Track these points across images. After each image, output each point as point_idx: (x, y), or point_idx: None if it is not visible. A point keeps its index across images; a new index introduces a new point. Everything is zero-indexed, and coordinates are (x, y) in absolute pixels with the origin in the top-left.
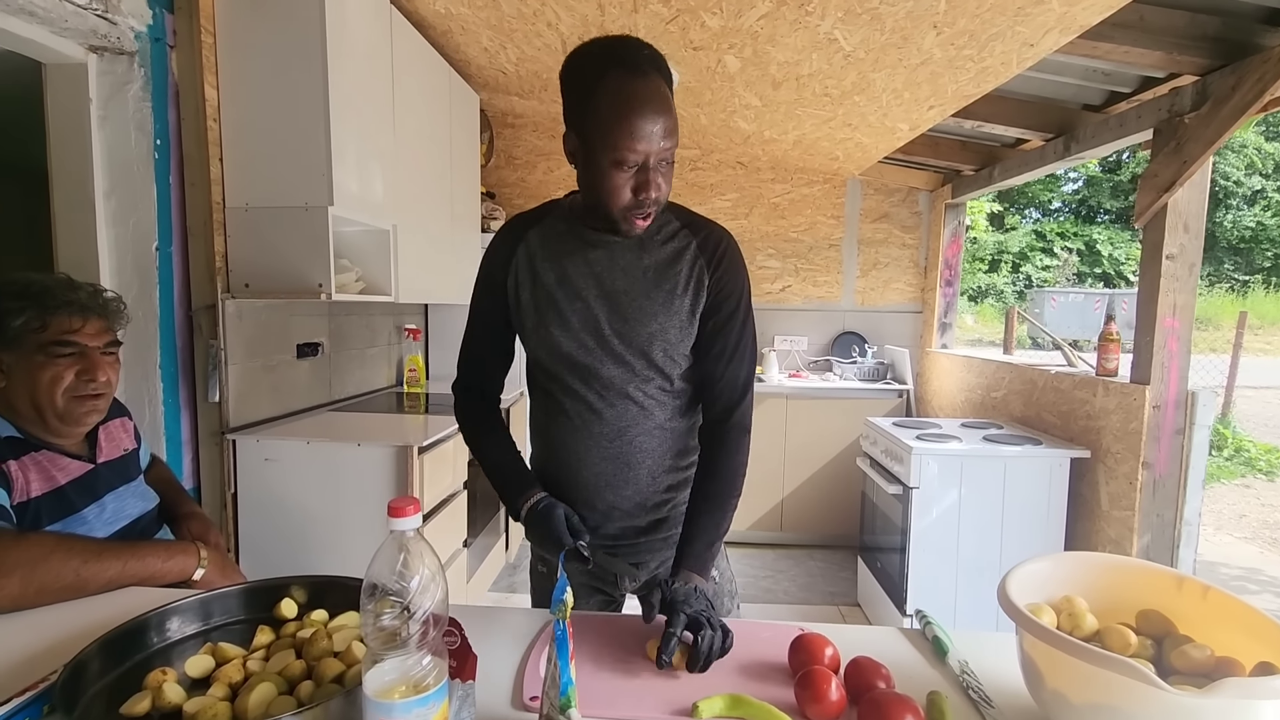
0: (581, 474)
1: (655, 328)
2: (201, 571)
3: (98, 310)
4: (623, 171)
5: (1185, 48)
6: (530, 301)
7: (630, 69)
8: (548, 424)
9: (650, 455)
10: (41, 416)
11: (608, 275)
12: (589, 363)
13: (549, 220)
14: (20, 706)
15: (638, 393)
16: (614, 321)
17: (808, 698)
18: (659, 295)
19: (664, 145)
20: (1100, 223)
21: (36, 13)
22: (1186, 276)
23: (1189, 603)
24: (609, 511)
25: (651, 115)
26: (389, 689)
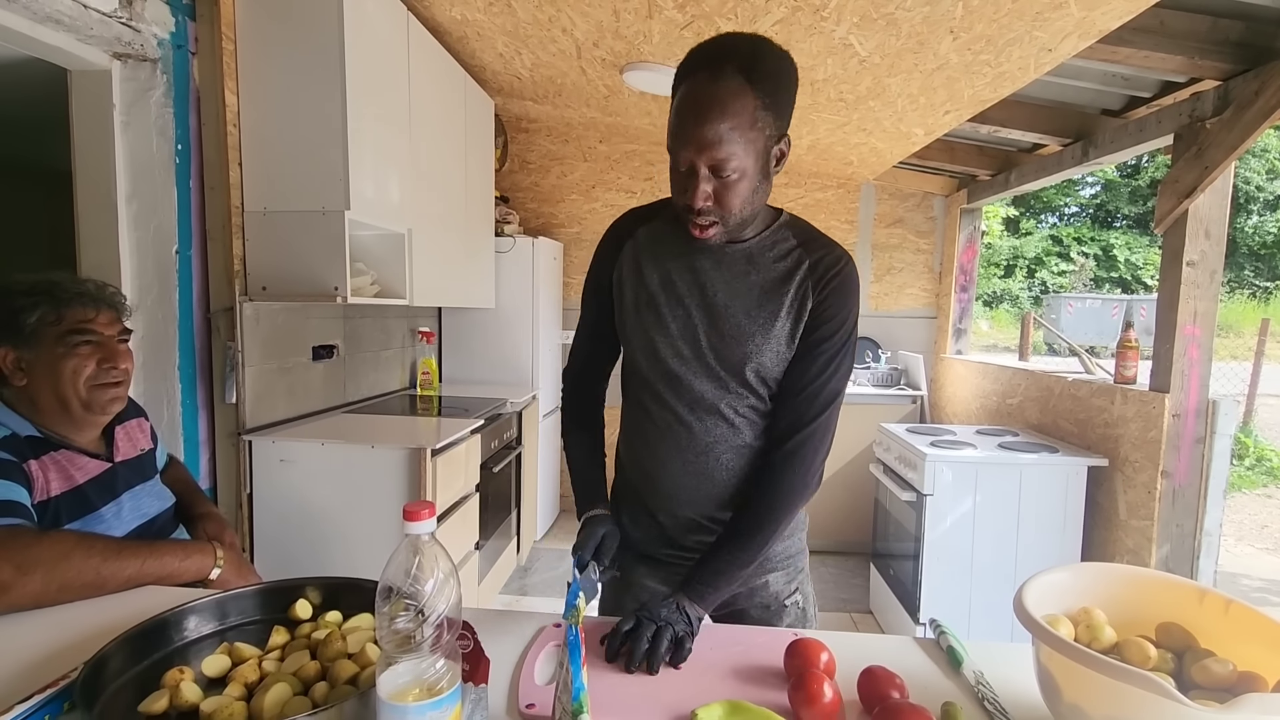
0: (667, 485)
1: (751, 348)
2: (218, 571)
3: (106, 301)
4: (677, 173)
5: (1207, 52)
6: (632, 300)
7: (710, 70)
8: (635, 430)
9: (737, 475)
10: (67, 408)
11: (711, 285)
12: (682, 373)
13: (661, 219)
14: (42, 703)
15: (729, 410)
16: (711, 335)
17: (801, 700)
18: (760, 316)
19: (717, 154)
20: (1118, 228)
21: (63, 21)
22: (1207, 283)
23: (1211, 616)
24: (691, 526)
25: (699, 119)
26: (403, 691)
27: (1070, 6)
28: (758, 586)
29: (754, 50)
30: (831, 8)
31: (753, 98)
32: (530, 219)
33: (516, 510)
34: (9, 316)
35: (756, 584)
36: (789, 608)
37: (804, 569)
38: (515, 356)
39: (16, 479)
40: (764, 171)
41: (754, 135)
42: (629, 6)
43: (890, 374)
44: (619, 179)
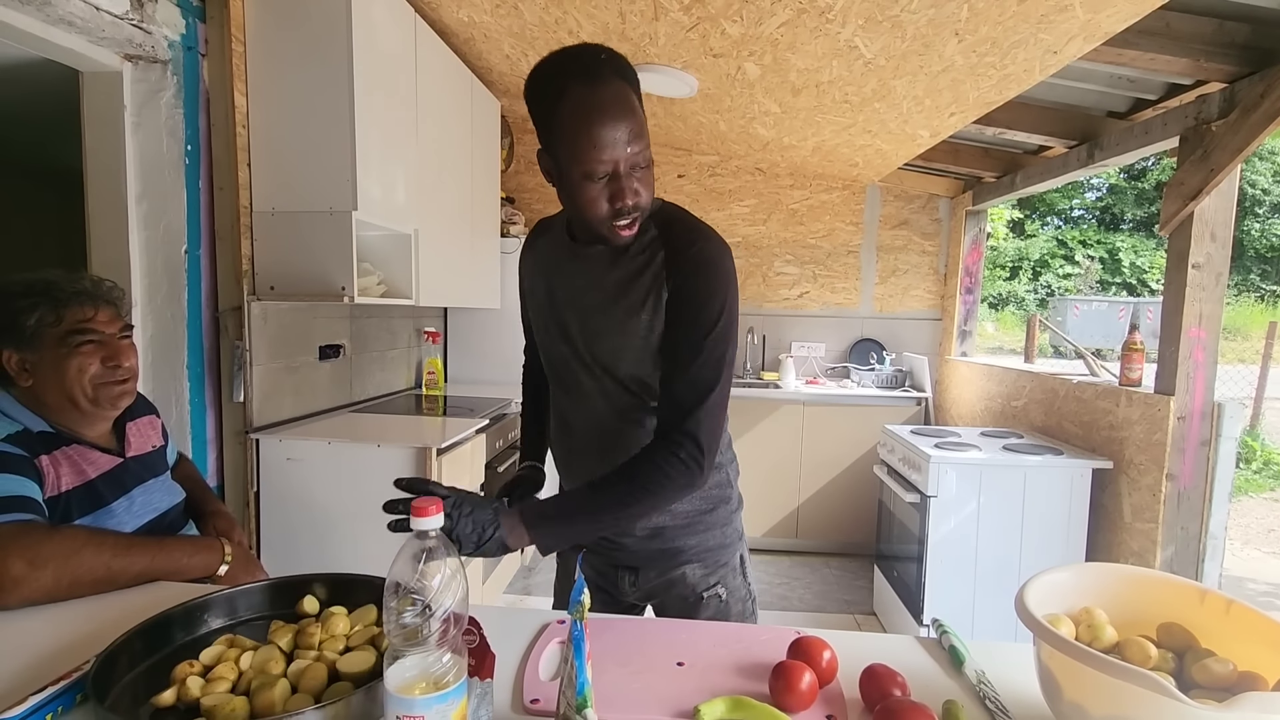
0: (568, 477)
1: (614, 344)
2: (226, 567)
3: (104, 298)
4: (595, 183)
5: (1213, 55)
6: (533, 307)
7: (588, 78)
8: (555, 426)
9: None
10: (75, 405)
11: (581, 290)
12: (567, 374)
13: (554, 230)
14: (55, 695)
15: (610, 409)
16: (584, 336)
17: (780, 688)
18: (616, 312)
19: (632, 150)
20: (1123, 230)
21: (75, 23)
22: (1213, 286)
23: (1212, 617)
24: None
25: (612, 122)
26: (410, 685)
27: (1075, 9)
28: (675, 578)
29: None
30: (837, 10)
31: (631, 91)
32: (535, 219)
33: None
34: (9, 319)
35: (674, 575)
36: (707, 600)
37: (728, 563)
38: (520, 357)
39: (28, 474)
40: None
41: (645, 127)
42: (635, 9)
43: (895, 376)
44: None
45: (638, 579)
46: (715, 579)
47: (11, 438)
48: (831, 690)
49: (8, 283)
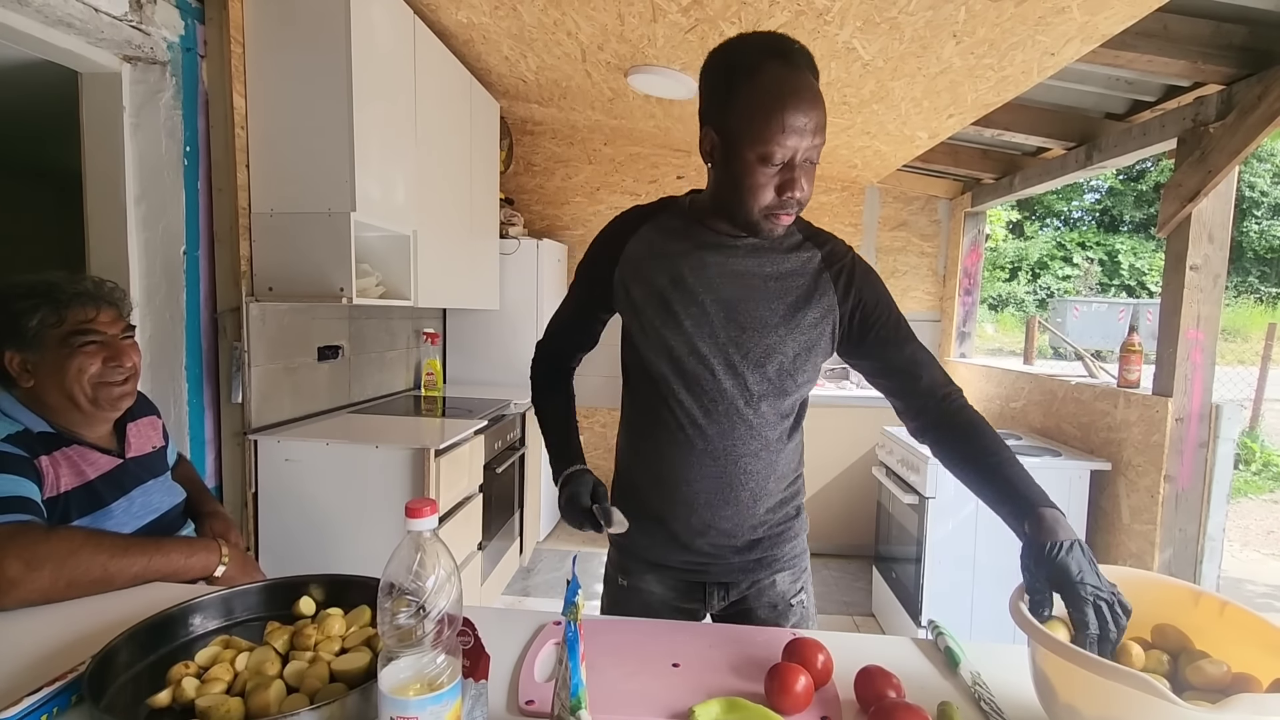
0: (680, 490)
1: (773, 340)
2: (223, 568)
3: (106, 299)
4: (768, 168)
5: (1210, 57)
6: (641, 300)
7: (788, 62)
8: (645, 434)
9: (754, 477)
10: (76, 406)
11: (723, 281)
12: (699, 372)
13: (664, 216)
14: (50, 695)
15: (747, 409)
16: (730, 329)
17: (775, 690)
18: (780, 307)
19: (814, 142)
20: (1122, 232)
21: (74, 24)
22: (1211, 288)
23: (1206, 618)
24: (704, 530)
25: (806, 108)
26: (404, 686)
27: (1073, 11)
28: (765, 585)
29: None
30: (835, 12)
31: (818, 89)
32: (535, 221)
33: (519, 511)
34: (10, 320)
35: (764, 583)
36: (794, 607)
37: (807, 569)
38: (519, 358)
39: (27, 474)
40: None
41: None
42: (633, 10)
43: None
44: (623, 181)
45: (729, 593)
46: (800, 584)
47: (12, 438)
48: (827, 692)
49: (9, 285)
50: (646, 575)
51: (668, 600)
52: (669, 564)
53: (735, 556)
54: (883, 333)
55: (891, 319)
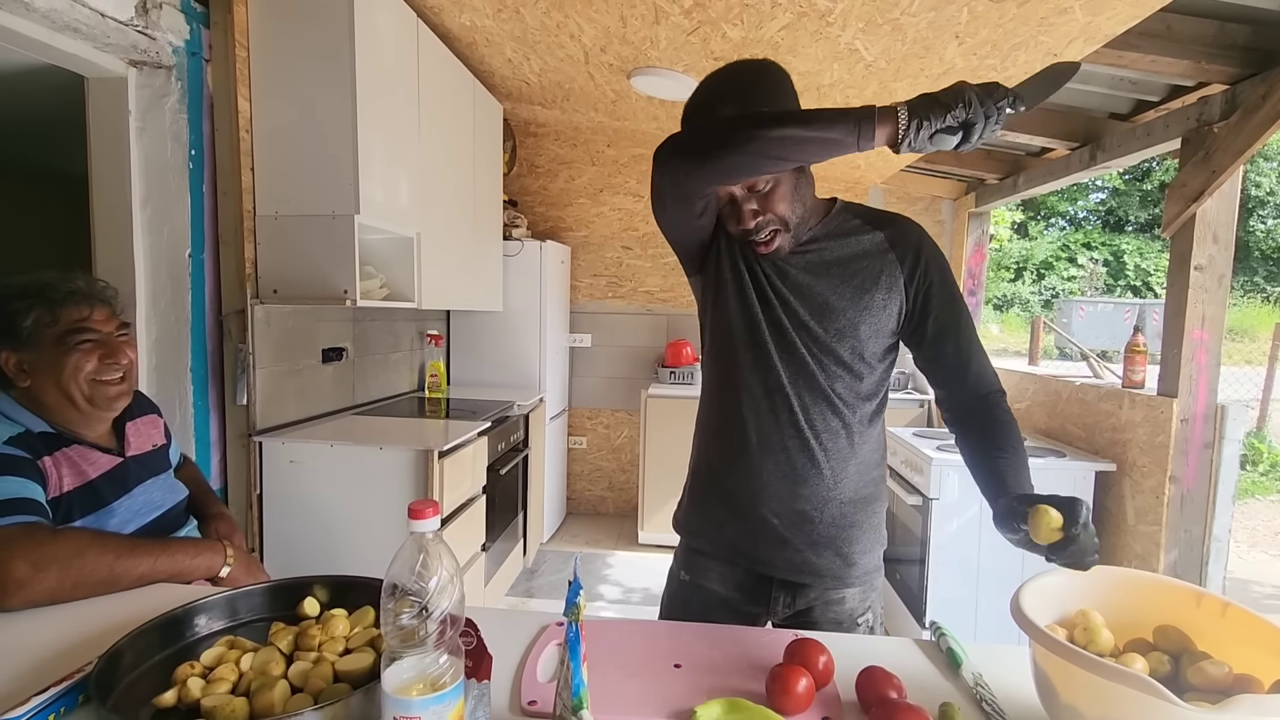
0: (758, 464)
1: (844, 323)
2: (228, 569)
3: (99, 298)
4: (724, 203)
5: (1214, 56)
6: (730, 278)
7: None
8: (725, 410)
9: (833, 456)
10: (73, 404)
11: (791, 274)
12: (774, 351)
13: None
14: (57, 695)
15: (826, 387)
16: (801, 313)
17: (777, 690)
18: (847, 290)
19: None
20: (1128, 232)
21: (80, 29)
22: (1215, 288)
23: (1208, 619)
24: (779, 509)
25: None
26: (407, 686)
27: (1075, 12)
28: (833, 600)
29: (736, 81)
30: (837, 13)
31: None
32: (538, 223)
33: (523, 512)
34: (5, 321)
35: (833, 596)
36: (860, 626)
37: (878, 587)
38: (523, 359)
39: (31, 476)
40: (797, 168)
41: None
42: (636, 13)
43: (898, 378)
44: (626, 183)
45: (795, 600)
46: (868, 603)
47: (14, 440)
48: (828, 693)
49: (2, 285)
50: (711, 568)
51: (729, 601)
52: (739, 549)
53: (809, 551)
54: (941, 318)
55: (952, 307)
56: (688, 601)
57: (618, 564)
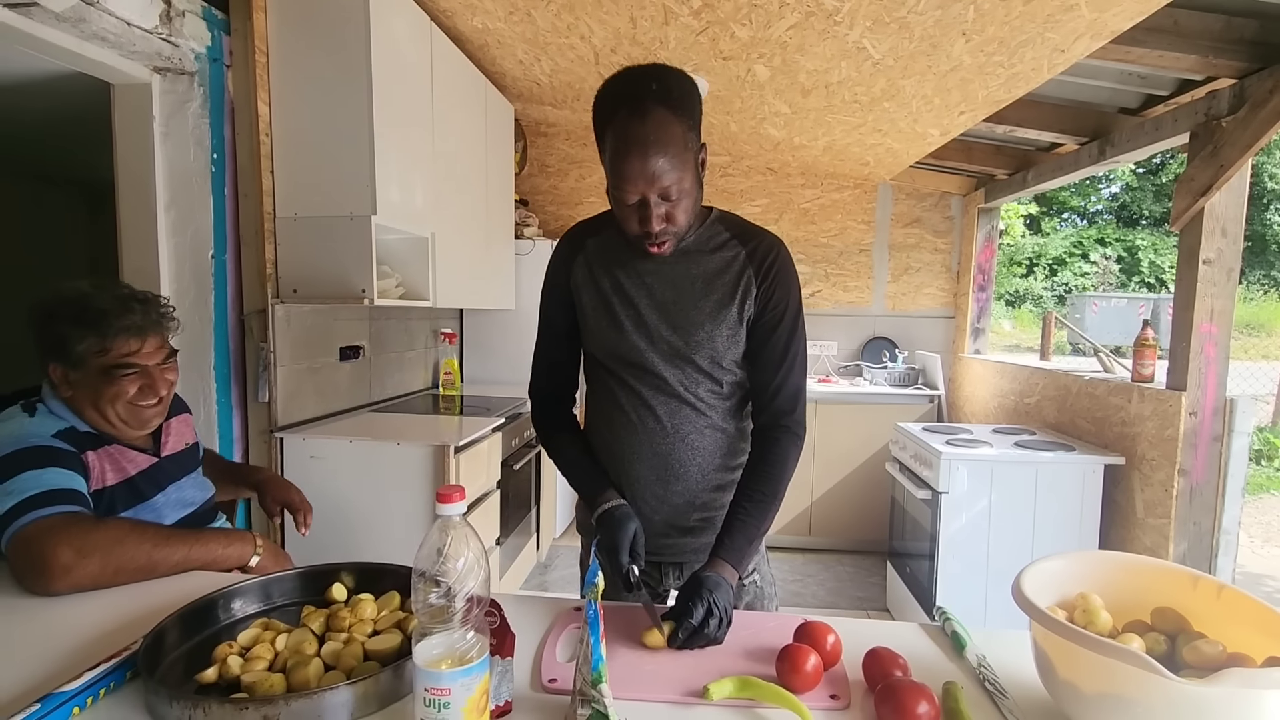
0: (634, 468)
1: (702, 336)
2: (257, 558)
3: (153, 327)
4: (627, 206)
5: (1221, 51)
6: (590, 305)
7: (632, 109)
8: (602, 419)
9: (700, 454)
10: (107, 422)
11: (658, 286)
12: (641, 363)
13: (606, 232)
14: (108, 671)
15: (689, 394)
16: (664, 329)
17: (786, 669)
18: (707, 305)
19: (663, 184)
20: (1142, 227)
21: (108, 38)
22: (1224, 281)
23: (1204, 601)
24: (657, 506)
25: (641, 157)
26: (436, 661)
27: (1081, 8)
28: None
29: (664, 80)
30: (845, 12)
31: (678, 123)
32: (549, 222)
33: (536, 508)
34: (58, 341)
35: None
36: (747, 586)
37: (761, 552)
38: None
39: (76, 469)
40: (698, 182)
41: (687, 156)
42: (646, 14)
43: (907, 374)
44: None
45: (683, 572)
46: (752, 566)
47: (61, 434)
48: (836, 672)
49: (58, 301)
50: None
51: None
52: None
53: (688, 538)
54: (765, 331)
55: (781, 325)
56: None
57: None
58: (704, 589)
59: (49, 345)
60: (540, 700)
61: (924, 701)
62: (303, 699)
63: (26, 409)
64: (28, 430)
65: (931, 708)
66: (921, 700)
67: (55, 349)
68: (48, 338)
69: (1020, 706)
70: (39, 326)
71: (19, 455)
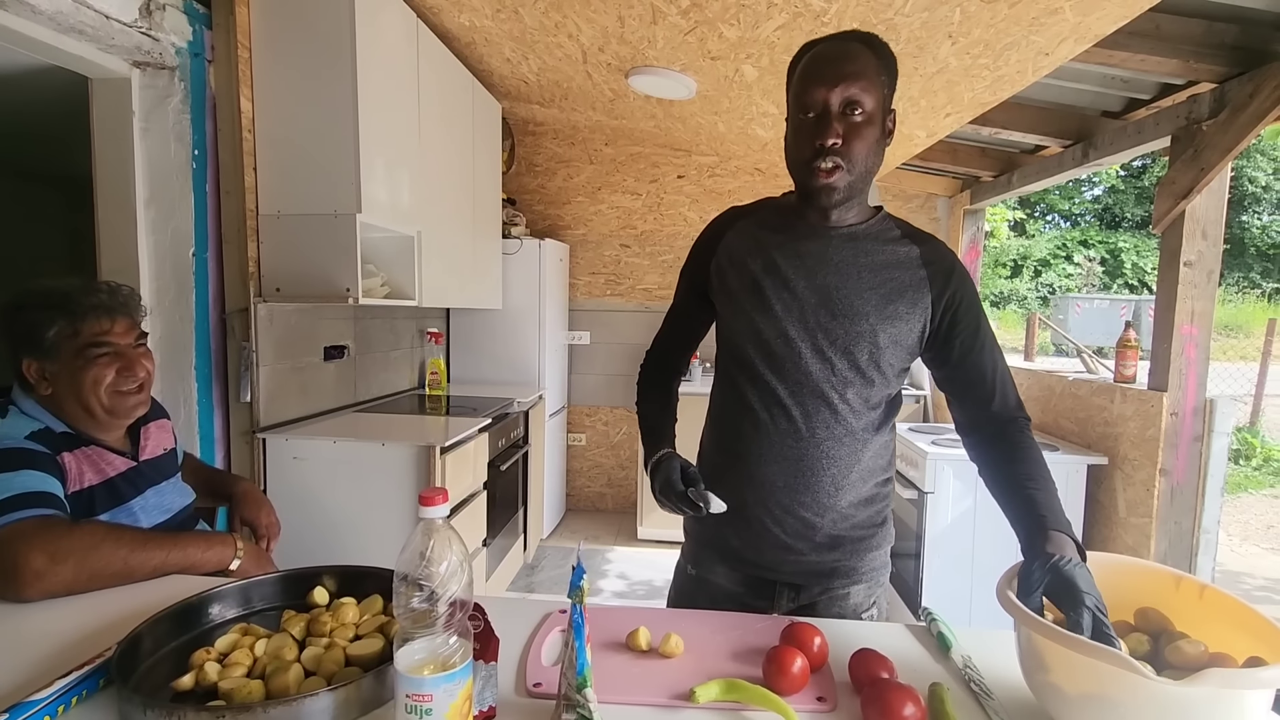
0: (760, 471)
1: (865, 328)
2: (238, 562)
3: (120, 309)
4: (805, 119)
5: (1203, 55)
6: (736, 286)
7: (836, 39)
8: (730, 415)
9: (837, 464)
10: (91, 414)
11: (820, 267)
12: (786, 354)
13: (763, 213)
14: (80, 679)
15: (833, 394)
16: (821, 314)
17: (773, 672)
18: (874, 296)
19: (850, 90)
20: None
21: (85, 31)
22: (1205, 283)
23: (1186, 601)
24: (783, 517)
25: (833, 62)
26: (419, 666)
27: (1065, 12)
28: (838, 595)
29: (871, 38)
30: (832, 13)
31: (874, 59)
32: (537, 221)
33: (523, 508)
34: (28, 331)
35: (838, 592)
36: (863, 620)
37: (884, 583)
38: (522, 357)
39: (50, 470)
40: (882, 129)
41: (877, 85)
42: (633, 13)
43: None
44: (624, 181)
45: (799, 595)
46: (873, 598)
47: (34, 435)
48: (822, 674)
49: (26, 293)
50: (717, 567)
51: (735, 595)
52: (743, 557)
53: (813, 554)
54: (966, 341)
55: (978, 331)
56: (694, 595)
57: (617, 559)
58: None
59: (20, 339)
60: (525, 705)
61: (910, 704)
62: (282, 705)
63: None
64: (0, 432)
65: (918, 710)
66: (908, 702)
67: (26, 340)
68: (18, 330)
69: (1005, 707)
70: (7, 321)
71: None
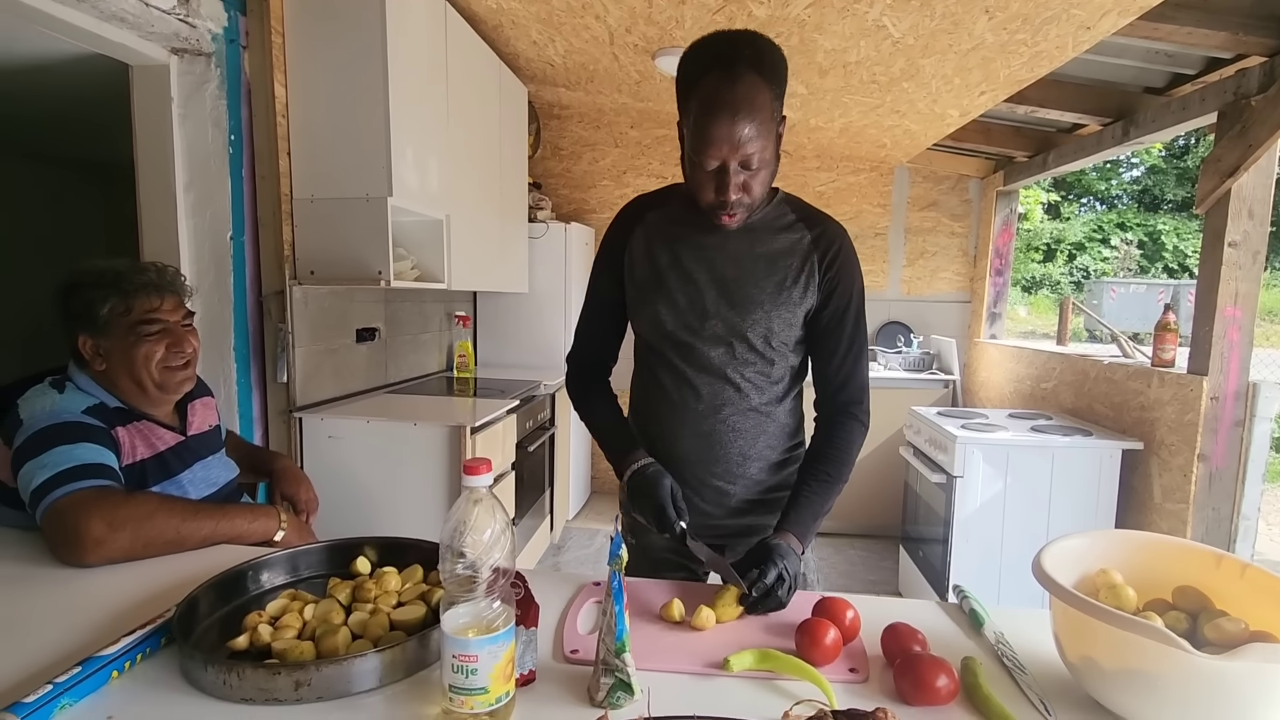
0: (676, 447)
1: (760, 315)
2: (282, 533)
3: (169, 288)
4: (704, 171)
5: (1252, 28)
6: (643, 279)
7: (724, 71)
8: (646, 398)
9: (742, 436)
10: (142, 389)
11: (720, 261)
12: (690, 341)
13: (669, 205)
14: (143, 637)
15: (735, 375)
16: (720, 305)
17: (806, 643)
18: (768, 284)
19: (746, 151)
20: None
21: (126, 18)
22: (1250, 264)
23: (1227, 580)
24: (699, 487)
25: (729, 121)
26: (463, 629)
27: None
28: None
29: (756, 45)
30: None
31: (768, 91)
32: (562, 205)
33: (550, 490)
34: (84, 308)
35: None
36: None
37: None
38: (548, 340)
39: (105, 444)
40: (776, 149)
41: (771, 126)
42: None
43: (922, 358)
44: (650, 164)
45: (724, 555)
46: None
47: (90, 410)
48: (854, 647)
49: (81, 274)
50: (652, 536)
51: (670, 561)
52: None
53: (730, 519)
54: (830, 321)
55: (845, 315)
56: (638, 562)
57: None
58: (775, 555)
59: (76, 316)
60: (563, 670)
61: (943, 675)
62: (333, 665)
63: (56, 385)
64: (59, 406)
65: (951, 681)
66: (941, 674)
67: (82, 317)
68: (74, 307)
69: (1039, 682)
70: (65, 299)
71: (50, 431)
